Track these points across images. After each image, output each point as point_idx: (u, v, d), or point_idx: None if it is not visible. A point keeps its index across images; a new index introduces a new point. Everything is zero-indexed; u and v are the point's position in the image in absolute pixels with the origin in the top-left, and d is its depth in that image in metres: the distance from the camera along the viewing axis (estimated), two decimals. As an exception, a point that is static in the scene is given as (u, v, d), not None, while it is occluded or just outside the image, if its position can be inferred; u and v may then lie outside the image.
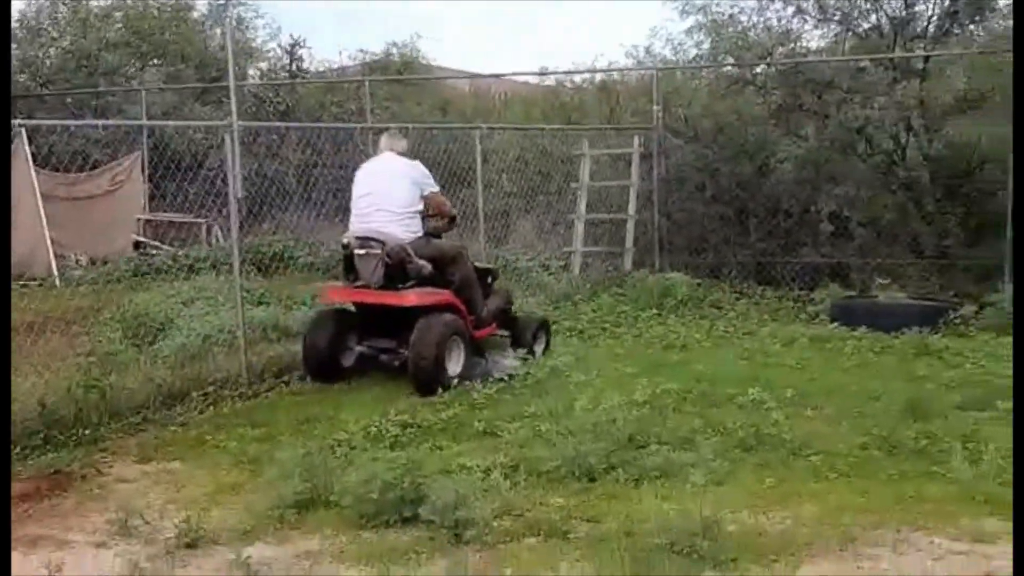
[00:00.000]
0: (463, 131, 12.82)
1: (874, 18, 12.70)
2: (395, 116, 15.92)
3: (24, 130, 10.39)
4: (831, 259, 12.30)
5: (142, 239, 14.50)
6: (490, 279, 8.80)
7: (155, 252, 13.65)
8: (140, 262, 12.90)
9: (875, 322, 9.65)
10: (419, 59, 21.39)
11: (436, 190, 8.23)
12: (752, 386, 7.01)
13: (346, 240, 7.92)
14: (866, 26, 12.81)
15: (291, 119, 16.37)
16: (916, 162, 12.10)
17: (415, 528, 4.60)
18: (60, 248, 13.38)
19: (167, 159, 14.18)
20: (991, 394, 6.87)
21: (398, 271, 7.63)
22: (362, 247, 7.75)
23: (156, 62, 19.51)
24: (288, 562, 4.39)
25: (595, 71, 16.13)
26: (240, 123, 8.26)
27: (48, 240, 13.06)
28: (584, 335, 9.74)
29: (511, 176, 13.36)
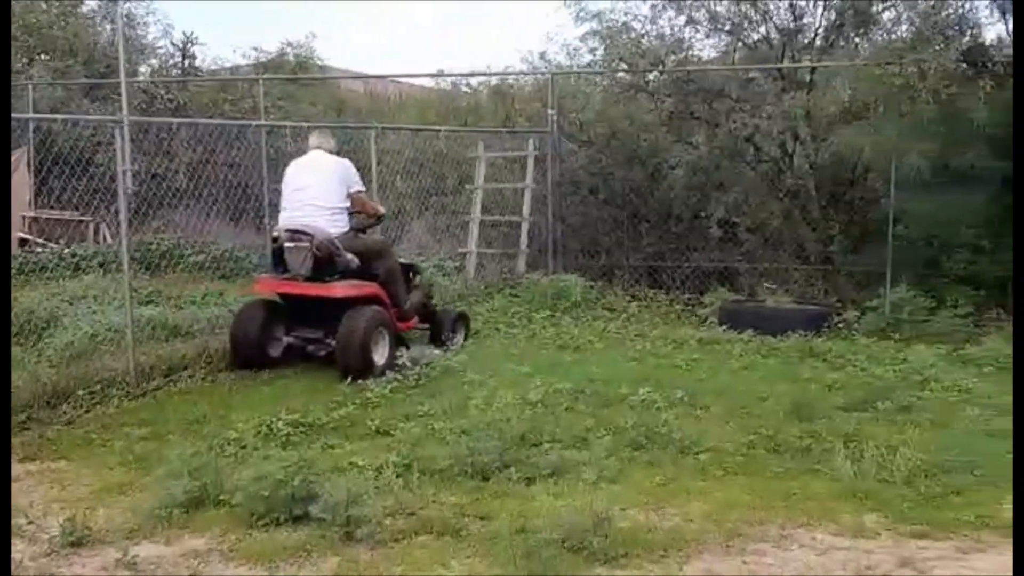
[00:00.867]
0: (357, 131, 12.76)
1: (763, 29, 12.92)
2: (289, 115, 15.74)
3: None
4: (720, 264, 12.52)
5: (27, 236, 14.08)
6: (412, 274, 9.23)
7: (40, 250, 13.28)
8: (25, 260, 12.53)
9: (762, 325, 9.85)
10: (314, 59, 21.19)
11: (362, 189, 8.60)
12: (643, 386, 7.13)
13: (276, 233, 8.20)
14: (755, 37, 13.04)
15: (183, 117, 16.06)
16: (802, 170, 12.35)
17: (306, 527, 4.57)
18: (-59, 245, 12.90)
19: (54, 155, 13.79)
20: (872, 395, 7.09)
21: (326, 264, 7.97)
22: (292, 240, 8.03)
23: (44, 57, 18.95)
24: (176, 561, 4.32)
25: (490, 74, 16.20)
26: (131, 118, 8.11)
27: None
28: (478, 336, 9.75)
29: (406, 177, 13.31)
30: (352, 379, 7.58)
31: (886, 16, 12.03)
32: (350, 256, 8.10)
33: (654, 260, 12.88)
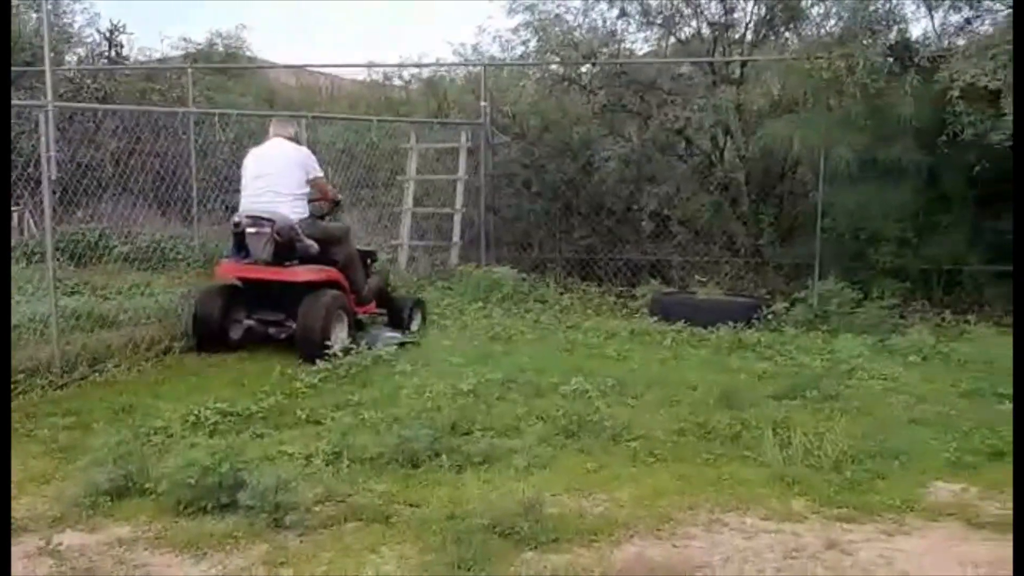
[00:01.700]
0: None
1: (695, 23, 13.03)
2: (217, 106, 15.51)
3: None
4: (652, 256, 12.61)
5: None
6: (370, 261, 9.48)
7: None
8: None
9: (693, 317, 9.93)
10: (244, 50, 20.90)
11: (320, 175, 8.73)
12: (575, 376, 7.14)
13: (237, 219, 8.30)
14: (687, 31, 13.15)
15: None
16: (733, 164, 12.49)
17: (234, 514, 4.49)
18: None
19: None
20: (800, 384, 7.16)
21: (286, 249, 8.17)
22: (253, 225, 8.17)
23: (-35, 45, 18.49)
24: (100, 549, 4.23)
25: (423, 65, 16.06)
26: (56, 104, 7.96)
27: None
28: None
29: (338, 169, 13.19)
30: (312, 360, 7.68)
31: (815, 11, 12.21)
32: (310, 242, 8.29)
33: (586, 253, 12.92)
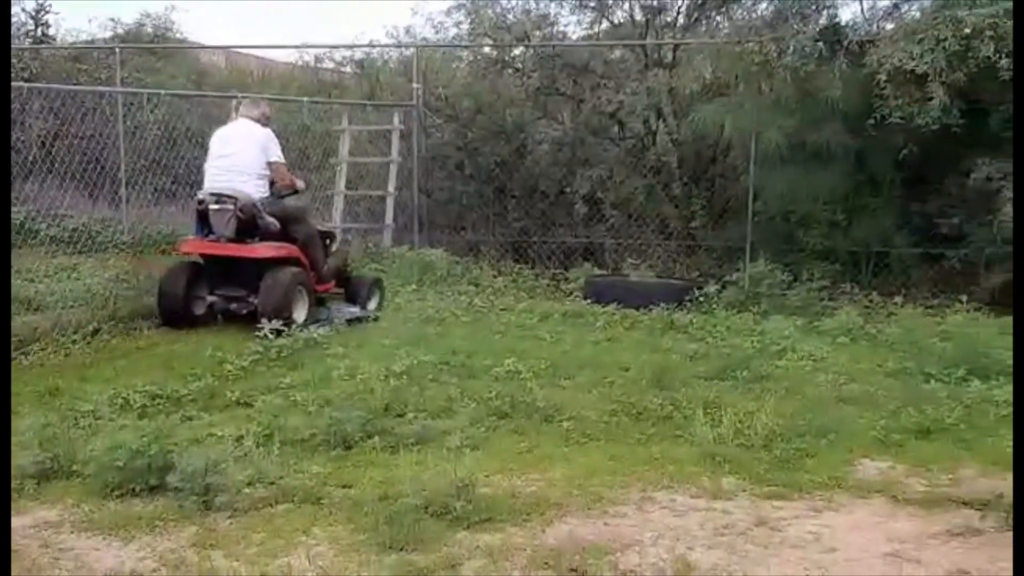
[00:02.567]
0: (218, 104, 12.47)
1: (627, 7, 13.09)
2: (147, 87, 15.25)
3: None
4: (585, 239, 12.65)
5: None
6: (329, 241, 9.58)
7: None
8: None
9: (625, 299, 9.96)
10: (174, 31, 20.57)
11: (280, 160, 8.83)
12: (508, 358, 7.15)
13: (201, 196, 8.48)
14: (620, 14, 13.20)
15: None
16: (665, 147, 12.57)
17: (163, 496, 4.45)
18: None
19: None
20: (731, 365, 7.23)
21: (248, 226, 8.36)
22: (217, 203, 8.35)
23: None
24: (26, 532, 4.17)
25: (355, 46, 15.90)
26: (-23, 82, 7.76)
27: None
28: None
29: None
30: (275, 335, 7.77)
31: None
32: (271, 219, 8.46)
33: (520, 235, 12.93)
